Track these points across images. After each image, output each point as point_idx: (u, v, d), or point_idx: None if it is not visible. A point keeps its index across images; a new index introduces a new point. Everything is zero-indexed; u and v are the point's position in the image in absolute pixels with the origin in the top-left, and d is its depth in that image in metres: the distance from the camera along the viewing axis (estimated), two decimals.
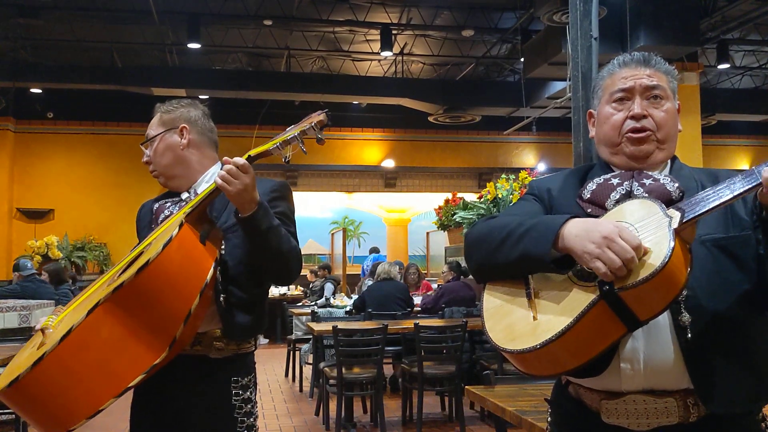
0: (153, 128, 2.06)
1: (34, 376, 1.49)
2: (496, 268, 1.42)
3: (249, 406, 1.95)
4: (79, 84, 11.67)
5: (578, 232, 1.27)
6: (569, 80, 4.89)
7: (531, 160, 15.10)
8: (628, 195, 1.41)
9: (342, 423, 5.37)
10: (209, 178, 2.02)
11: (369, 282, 8.59)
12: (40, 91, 12.64)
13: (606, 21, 7.02)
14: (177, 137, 2.03)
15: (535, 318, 1.30)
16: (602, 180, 1.48)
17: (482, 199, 7.57)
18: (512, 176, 7.16)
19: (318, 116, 1.81)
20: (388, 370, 6.76)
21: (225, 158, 1.81)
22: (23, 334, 5.34)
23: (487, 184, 7.82)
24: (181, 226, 1.69)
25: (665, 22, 8.71)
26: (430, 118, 13.13)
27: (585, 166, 1.62)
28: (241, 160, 1.78)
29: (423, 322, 5.59)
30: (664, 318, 1.31)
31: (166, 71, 11.93)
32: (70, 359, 1.52)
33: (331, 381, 5.38)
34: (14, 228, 13.06)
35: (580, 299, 1.24)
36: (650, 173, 1.46)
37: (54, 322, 1.64)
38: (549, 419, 1.58)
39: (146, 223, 2.05)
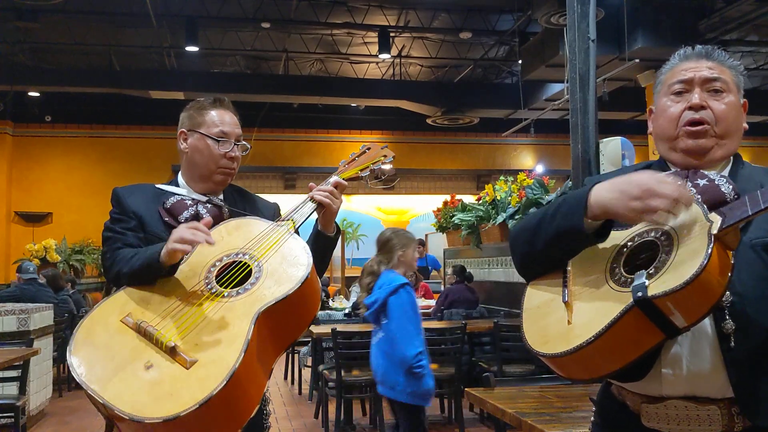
0: (240, 129, 2.03)
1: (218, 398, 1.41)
2: (538, 254, 1.40)
3: (267, 405, 2.00)
4: (77, 87, 11.67)
5: (613, 194, 1.25)
6: (567, 82, 4.90)
7: (529, 161, 15.12)
8: None
9: (341, 426, 5.36)
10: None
11: (356, 289, 8.57)
12: (38, 94, 12.65)
13: (603, 23, 7.04)
14: None
15: (569, 322, 1.28)
16: None
17: (481, 201, 7.56)
18: (510, 178, 7.15)
19: (385, 151, 2.08)
20: None
21: (311, 185, 1.96)
22: (22, 337, 5.33)
23: (486, 185, 7.82)
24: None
25: (663, 24, 8.71)
26: (429, 120, 13.14)
27: (643, 164, 1.57)
28: (342, 181, 1.94)
29: (423, 325, 5.57)
30: (708, 324, 1.27)
31: (164, 74, 11.93)
32: (244, 374, 1.47)
33: (330, 384, 5.37)
34: (12, 231, 13.05)
35: (614, 305, 1.22)
36: (706, 173, 1.39)
37: (171, 336, 1.53)
38: (593, 419, 1.54)
39: (150, 207, 1.93)
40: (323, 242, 1.95)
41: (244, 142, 2.02)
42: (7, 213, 13.01)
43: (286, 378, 7.97)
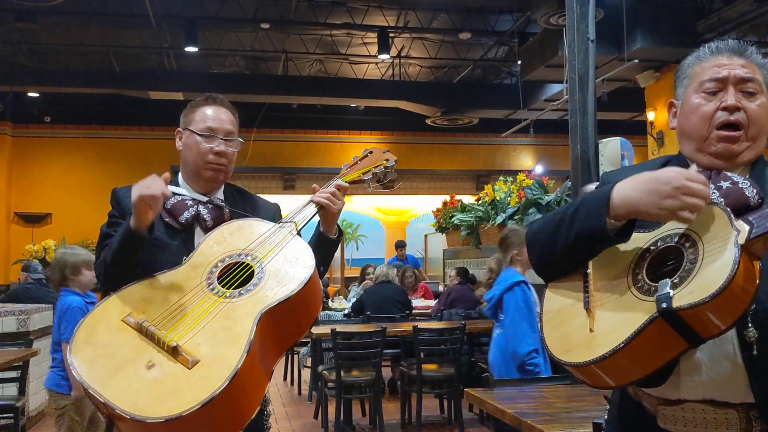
0: (236, 129, 2.02)
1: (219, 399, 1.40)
2: (558, 257, 1.37)
3: (268, 406, 2.02)
4: (76, 88, 11.67)
5: (641, 194, 1.22)
6: (566, 82, 4.91)
7: (528, 162, 15.12)
8: None
9: (341, 426, 5.36)
10: (222, 187, 2.06)
11: (356, 288, 8.58)
12: (37, 95, 12.64)
13: (602, 23, 7.03)
14: None
15: (591, 330, 1.25)
16: None
17: (480, 202, 7.57)
18: (510, 178, 7.16)
19: (387, 155, 2.09)
20: (386, 372, 6.75)
21: (314, 186, 1.97)
22: (21, 338, 5.32)
23: (485, 186, 7.83)
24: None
25: (662, 24, 8.72)
26: (428, 121, 13.14)
27: (662, 158, 1.51)
28: (344, 183, 1.95)
29: (422, 325, 5.59)
30: (730, 332, 1.24)
31: (163, 75, 11.92)
32: (246, 373, 1.47)
33: (330, 384, 5.38)
34: (12, 232, 13.04)
35: (637, 314, 1.19)
36: (729, 174, 1.35)
37: (173, 336, 1.52)
38: (606, 417, 1.54)
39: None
40: (325, 244, 1.96)
41: (238, 139, 2.01)
42: (6, 213, 12.99)
43: (285, 378, 7.97)
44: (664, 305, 1.14)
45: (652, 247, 1.29)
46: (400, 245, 11.36)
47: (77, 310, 3.68)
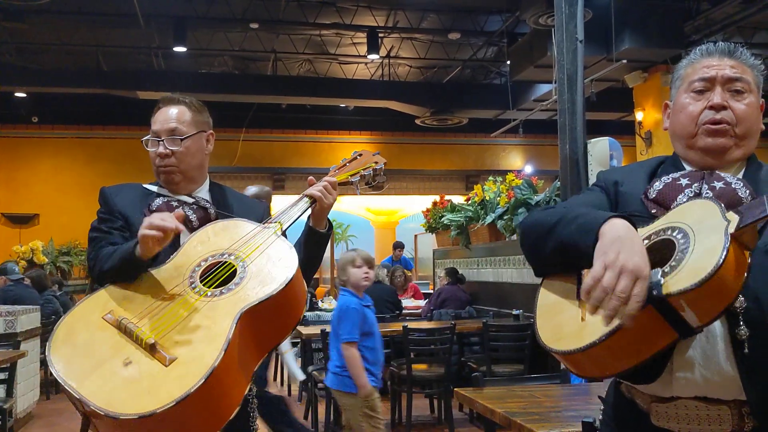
0: (185, 125, 1.95)
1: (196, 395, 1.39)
2: (546, 253, 1.38)
3: (254, 406, 1.99)
4: (64, 88, 11.59)
5: (604, 240, 1.20)
6: (555, 83, 4.93)
7: (518, 162, 15.16)
8: (697, 198, 1.33)
9: (331, 427, 5.35)
10: (207, 187, 2.04)
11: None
12: (24, 95, 12.55)
13: (591, 24, 7.06)
14: (204, 142, 2.02)
15: (583, 318, 1.26)
16: (670, 179, 1.40)
17: (470, 202, 7.58)
18: (499, 178, 7.17)
19: (377, 158, 2.10)
20: None
21: (311, 178, 1.96)
22: (8, 339, 5.29)
23: (475, 186, 7.84)
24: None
25: (650, 25, 8.78)
26: (417, 121, 13.15)
27: (657, 159, 1.54)
28: (334, 179, 1.96)
29: (412, 325, 5.59)
30: (721, 330, 1.26)
31: (152, 75, 11.88)
32: (226, 370, 1.45)
33: (320, 385, 5.37)
34: None
35: None
36: (723, 174, 1.37)
37: (151, 333, 1.51)
38: (601, 417, 1.55)
39: (137, 207, 1.92)
40: (315, 238, 1.95)
41: (190, 134, 1.95)
42: None
43: (275, 379, 7.95)
44: (654, 292, 1.15)
45: (645, 241, 1.30)
46: (398, 246, 11.41)
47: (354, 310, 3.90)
